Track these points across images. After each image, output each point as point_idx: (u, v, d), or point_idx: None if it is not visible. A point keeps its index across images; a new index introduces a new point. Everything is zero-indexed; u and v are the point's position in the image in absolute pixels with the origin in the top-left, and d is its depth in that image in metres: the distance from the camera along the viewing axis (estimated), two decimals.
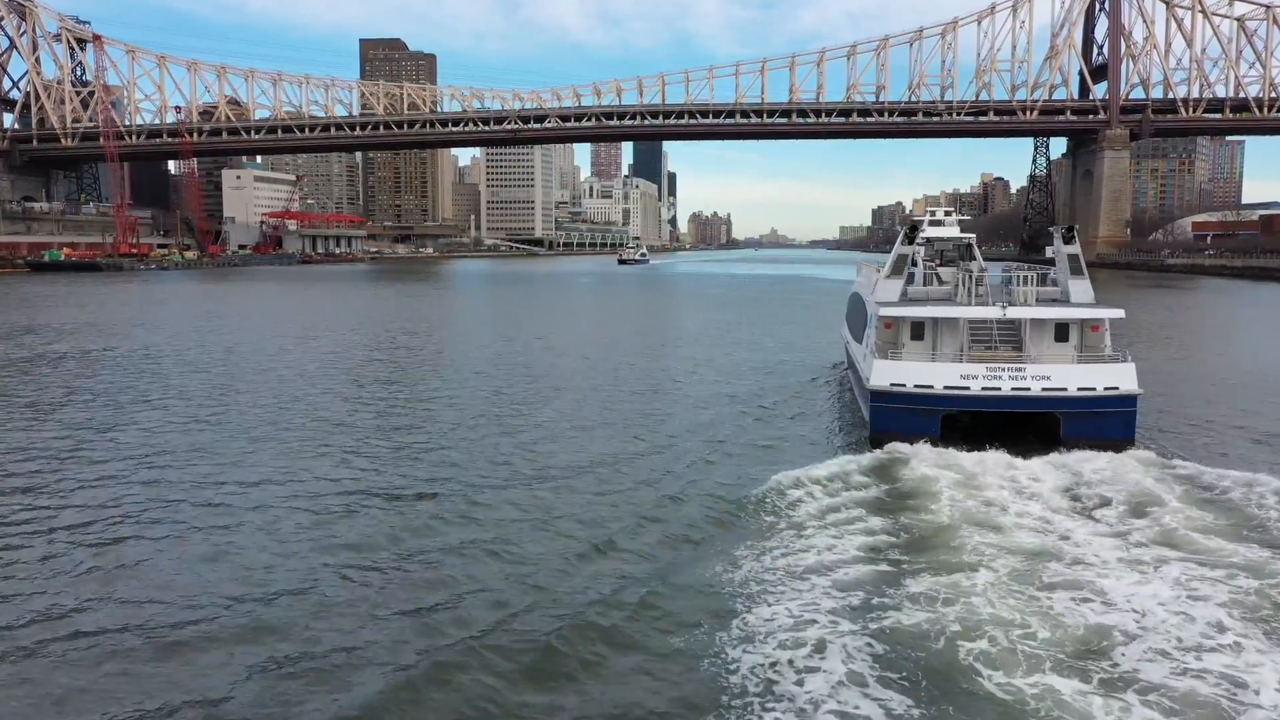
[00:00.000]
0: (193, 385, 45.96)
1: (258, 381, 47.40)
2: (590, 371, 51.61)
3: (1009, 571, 19.95)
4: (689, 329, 77.48)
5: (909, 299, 36.39)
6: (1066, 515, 23.94)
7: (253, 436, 34.14)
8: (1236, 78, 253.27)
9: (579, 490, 27.12)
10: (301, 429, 35.59)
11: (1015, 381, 30.05)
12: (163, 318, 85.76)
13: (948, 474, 26.65)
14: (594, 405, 41.00)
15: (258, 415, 38.17)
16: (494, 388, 45.41)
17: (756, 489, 26.15)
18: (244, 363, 54.65)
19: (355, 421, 37.27)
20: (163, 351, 59.75)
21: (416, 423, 36.91)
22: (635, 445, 32.80)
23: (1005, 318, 32.02)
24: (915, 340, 33.42)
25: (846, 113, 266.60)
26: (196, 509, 25.28)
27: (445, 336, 71.89)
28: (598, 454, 31.45)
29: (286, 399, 42.12)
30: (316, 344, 64.75)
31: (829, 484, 26.42)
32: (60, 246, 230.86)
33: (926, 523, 23.16)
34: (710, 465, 29.96)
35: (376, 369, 52.68)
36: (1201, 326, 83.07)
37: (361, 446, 32.78)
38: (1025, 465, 27.87)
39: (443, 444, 32.98)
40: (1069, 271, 35.00)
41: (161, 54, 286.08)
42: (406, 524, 23.91)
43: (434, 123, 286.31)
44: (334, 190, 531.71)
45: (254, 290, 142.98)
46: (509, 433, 34.66)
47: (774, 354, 59.59)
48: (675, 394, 44.29)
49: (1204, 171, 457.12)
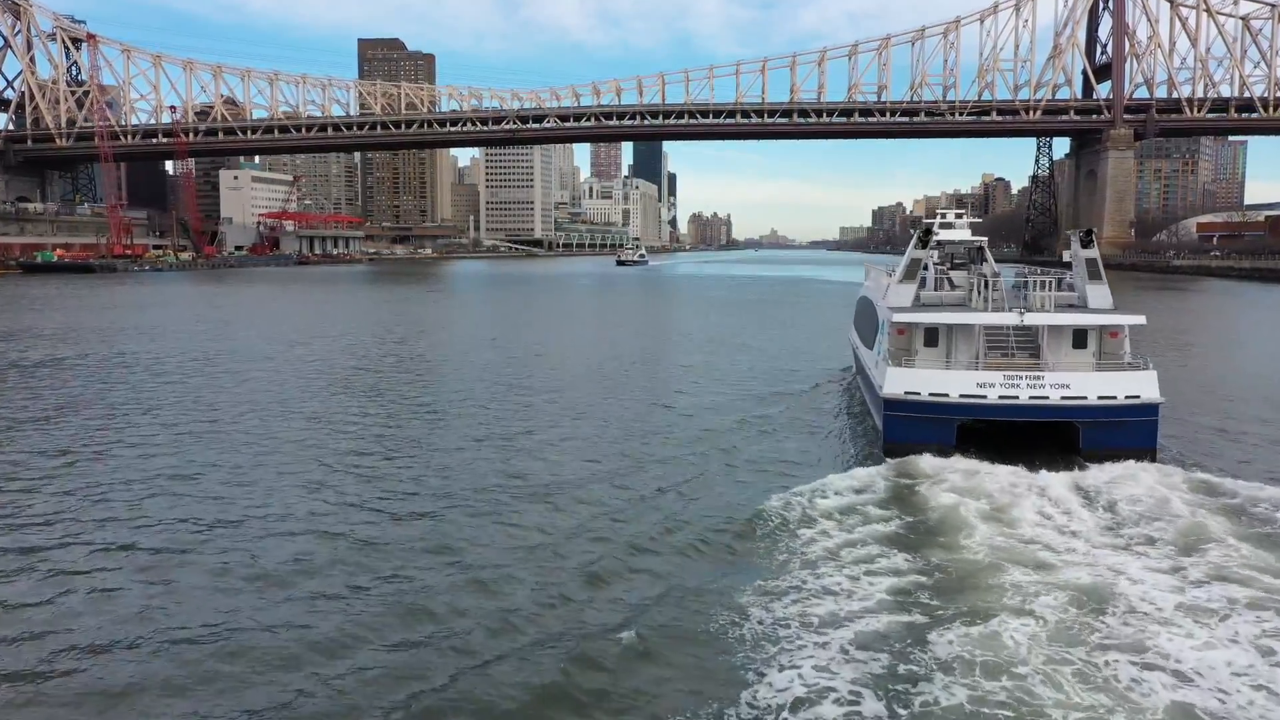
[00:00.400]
0: (166, 398, 43.60)
1: (234, 395, 45.01)
2: (589, 380, 49.50)
3: (1055, 624, 17.60)
4: (691, 334, 75.18)
5: (921, 304, 35.19)
6: (1108, 546, 21.92)
7: (228, 457, 31.78)
8: (1241, 77, 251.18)
9: (575, 510, 25.47)
10: (283, 446, 33.25)
11: (1034, 390, 28.94)
12: (146, 322, 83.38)
13: (972, 500, 24.72)
14: (593, 415, 39.28)
15: (232, 433, 35.83)
16: (489, 400, 43.09)
17: (766, 508, 24.58)
18: (223, 372, 52.25)
19: (346, 438, 34.94)
20: (139, 359, 57.40)
21: (409, 440, 34.79)
22: (636, 461, 31.08)
23: (1023, 324, 30.89)
24: (929, 347, 32.34)
25: (848, 113, 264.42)
26: (171, 534, 23.55)
27: (439, 345, 69.42)
28: (597, 468, 29.85)
29: (266, 412, 39.77)
30: (301, 352, 62.36)
31: (843, 506, 24.70)
32: (54, 247, 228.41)
33: (955, 560, 21.04)
34: (716, 481, 28.30)
35: (364, 380, 50.23)
36: (1215, 330, 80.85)
37: (354, 464, 30.80)
38: (1049, 481, 26.40)
39: (433, 462, 31.16)
40: (1087, 276, 33.90)
41: (157, 53, 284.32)
42: (396, 546, 22.60)
43: (432, 123, 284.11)
44: (332, 191, 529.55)
45: (245, 293, 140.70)
46: (502, 450, 32.85)
47: (779, 360, 57.52)
48: (679, 403, 42.43)
49: (1207, 172, 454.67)
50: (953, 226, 41.35)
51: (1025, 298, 33.06)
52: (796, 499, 24.99)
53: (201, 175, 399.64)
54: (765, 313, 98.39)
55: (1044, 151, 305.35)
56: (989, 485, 25.97)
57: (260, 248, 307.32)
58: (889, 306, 34.16)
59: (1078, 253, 35.05)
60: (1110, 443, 28.53)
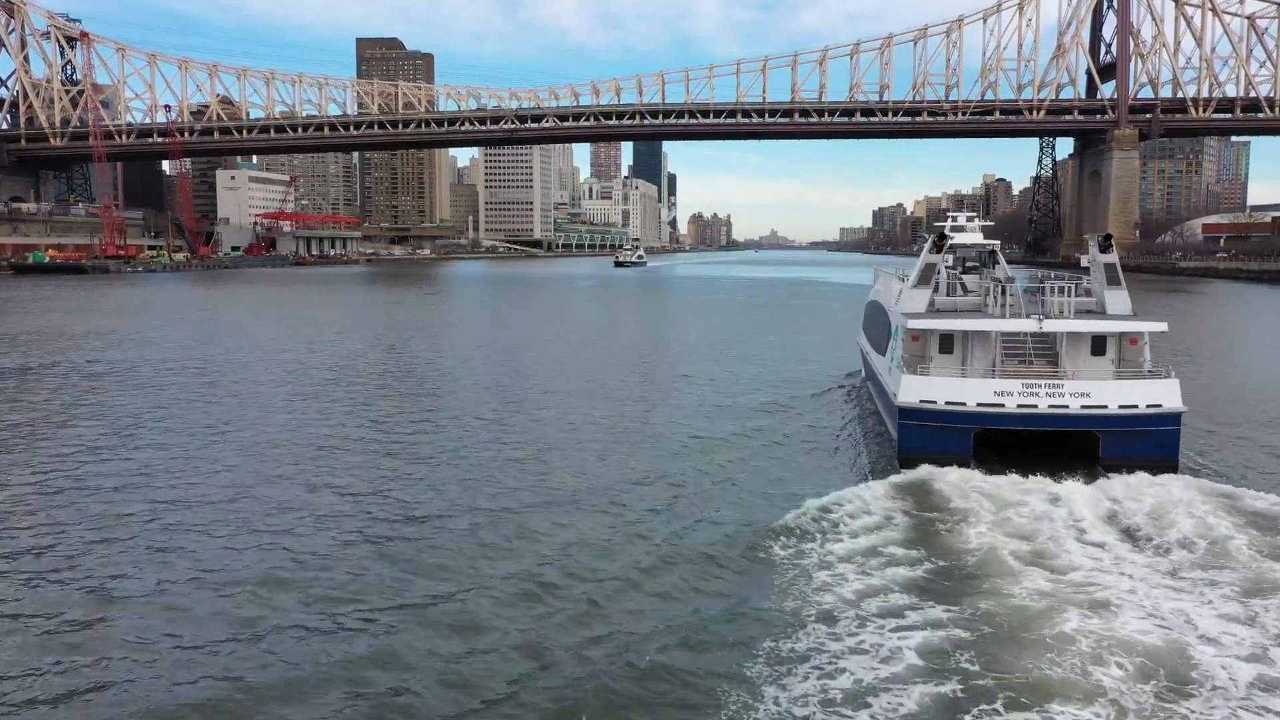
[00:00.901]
0: (132, 411, 40.89)
1: (203, 406, 42.33)
2: (590, 389, 47.23)
3: (1120, 679, 15.64)
4: (695, 339, 72.41)
5: (936, 309, 34.32)
6: (1164, 587, 19.93)
7: (195, 472, 29.11)
8: (1247, 77, 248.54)
9: (578, 526, 24.38)
10: (261, 468, 30.58)
11: (1053, 398, 28.19)
12: (126, 327, 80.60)
13: (1001, 538, 22.59)
14: (597, 425, 37.67)
15: (195, 442, 33.14)
16: (488, 414, 40.49)
17: (779, 523, 23.68)
18: (197, 384, 49.54)
19: (338, 456, 32.37)
20: (111, 368, 54.70)
21: (408, 456, 32.58)
22: (643, 475, 29.59)
23: (1041, 330, 30.05)
24: (944, 354, 31.54)
25: (849, 112, 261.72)
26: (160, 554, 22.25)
27: (434, 355, 66.55)
28: (604, 481, 28.76)
29: (239, 429, 37.09)
30: (284, 360, 59.57)
31: (860, 527, 23.44)
32: (46, 248, 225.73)
33: (994, 602, 18.97)
34: (722, 496, 27.16)
35: (353, 393, 47.46)
36: (1229, 334, 78.49)
37: (349, 483, 28.71)
38: (1074, 494, 25.44)
39: (433, 478, 29.49)
40: (1105, 281, 33.13)
41: (152, 52, 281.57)
42: (403, 563, 21.67)
43: (429, 122, 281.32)
44: (330, 191, 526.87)
45: (234, 295, 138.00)
46: (504, 465, 31.04)
47: (785, 366, 55.42)
48: (685, 413, 40.66)
49: (1210, 173, 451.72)
50: (964, 230, 40.31)
51: (1042, 303, 32.10)
52: (811, 514, 24.07)
53: (199, 175, 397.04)
54: (768, 316, 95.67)
55: (1047, 152, 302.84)
56: (1013, 501, 24.93)
57: (256, 248, 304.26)
58: (903, 312, 33.28)
59: (1096, 258, 34.05)
60: (1131, 453, 27.75)
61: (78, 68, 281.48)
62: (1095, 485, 26.27)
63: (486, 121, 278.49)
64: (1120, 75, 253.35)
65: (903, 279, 38.46)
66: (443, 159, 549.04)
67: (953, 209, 72.28)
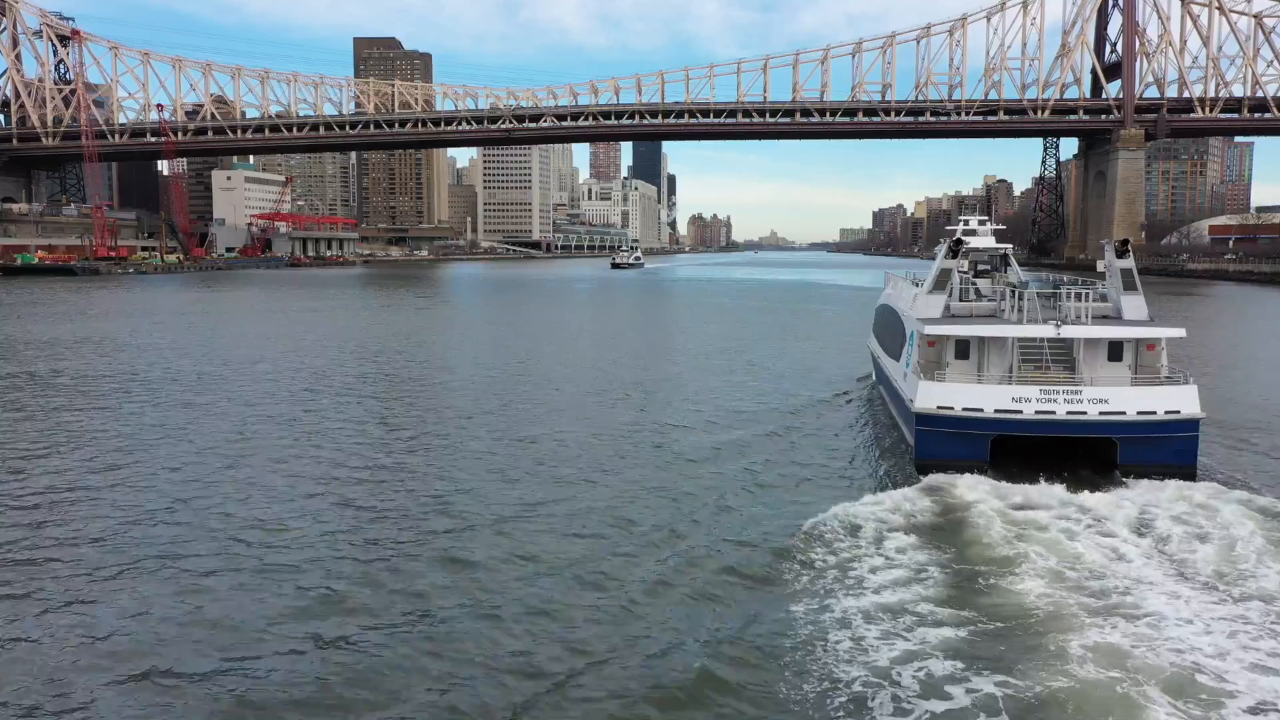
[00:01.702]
0: (82, 425, 37.44)
1: (158, 423, 38.86)
2: (598, 398, 45.76)
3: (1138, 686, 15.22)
4: (701, 349, 68.78)
5: (951, 315, 34.00)
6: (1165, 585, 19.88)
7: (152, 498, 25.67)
8: (1254, 76, 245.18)
9: (605, 532, 24.13)
10: (230, 496, 27.13)
11: (1071, 405, 27.83)
12: (100, 332, 77.09)
13: (1023, 546, 22.14)
14: (611, 435, 36.61)
15: (137, 462, 29.70)
16: (493, 423, 38.38)
17: (800, 531, 23.35)
18: (153, 396, 46.06)
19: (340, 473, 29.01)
20: (68, 378, 51.22)
21: (421, 472, 30.76)
22: (659, 483, 29.02)
23: (1059, 336, 29.70)
24: (960, 359, 31.25)
25: (852, 112, 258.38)
26: None
27: (431, 365, 63.16)
28: (621, 491, 28.10)
29: (193, 447, 33.64)
30: (259, 373, 56.02)
31: (878, 527, 23.45)
32: (36, 249, 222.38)
33: (1014, 608, 18.70)
34: (744, 503, 26.63)
35: (341, 414, 44.00)
36: (1246, 339, 75.50)
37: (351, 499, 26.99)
38: (1092, 502, 25.26)
39: (447, 490, 28.51)
40: (1122, 286, 32.78)
41: (145, 50, 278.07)
42: (430, 573, 21.36)
43: (426, 122, 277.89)
44: (328, 192, 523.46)
45: (222, 297, 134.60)
46: (513, 478, 29.79)
47: (797, 370, 54.10)
48: (700, 420, 39.60)
49: (1215, 173, 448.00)
50: (977, 233, 40.22)
51: (1058, 309, 31.24)
52: (831, 522, 23.76)
53: (194, 176, 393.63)
54: (774, 321, 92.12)
55: (1050, 153, 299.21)
56: (1033, 508, 24.82)
57: (251, 249, 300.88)
58: (919, 318, 32.76)
59: (1113, 263, 33.68)
60: (1149, 459, 27.63)
61: (70, 66, 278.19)
62: (1114, 492, 26.20)
63: (484, 121, 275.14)
64: (1126, 74, 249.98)
65: (916, 283, 38.37)
66: (441, 159, 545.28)
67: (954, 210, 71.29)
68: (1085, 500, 25.30)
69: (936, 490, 26.39)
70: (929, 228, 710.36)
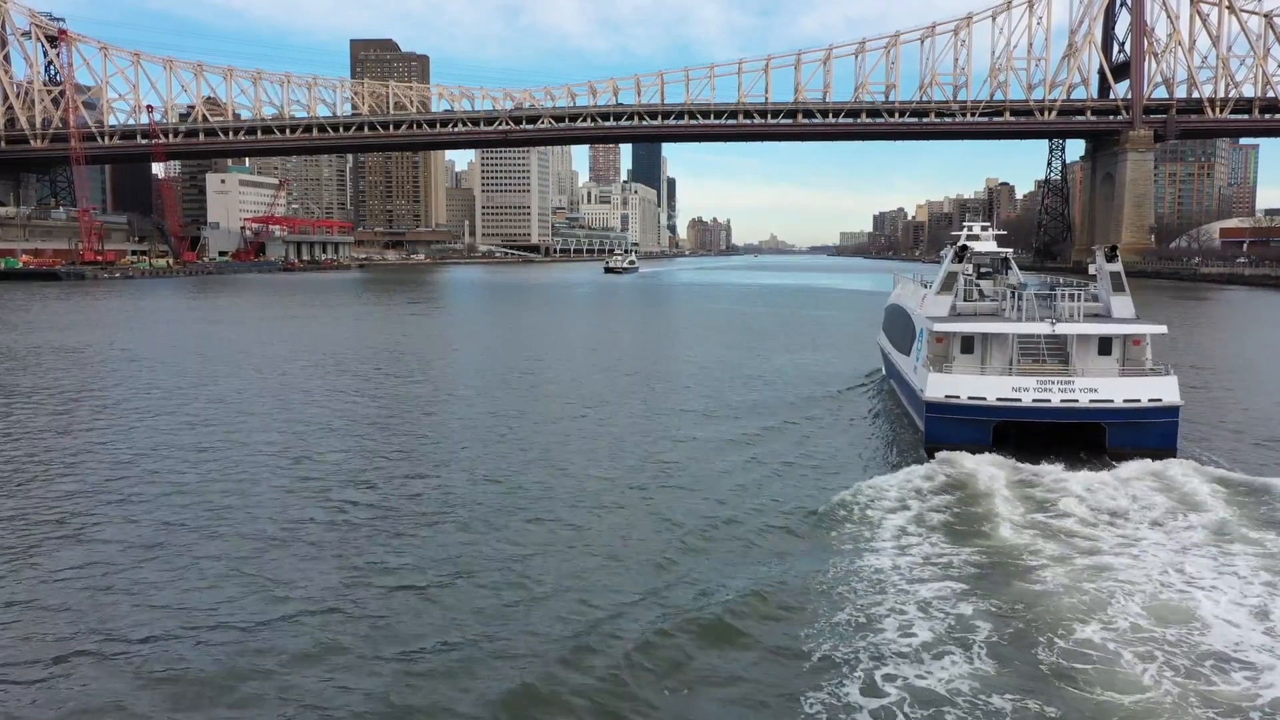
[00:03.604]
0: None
1: (86, 447, 34.00)
2: (615, 395, 47.31)
3: None
4: (711, 353, 64.14)
5: (957, 314, 36.75)
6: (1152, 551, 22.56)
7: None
8: (1265, 76, 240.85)
9: (645, 509, 26.85)
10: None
11: (1064, 394, 30.83)
12: (70, 343, 72.21)
13: (1021, 516, 25.29)
14: (631, 430, 38.43)
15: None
16: (500, 435, 36.80)
17: (825, 505, 26.15)
18: (91, 418, 41.21)
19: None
20: (15, 395, 46.38)
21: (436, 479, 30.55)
22: (690, 467, 31.46)
23: (1054, 333, 32.40)
24: (965, 354, 33.82)
25: (855, 113, 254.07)
26: None
27: (427, 384, 58.32)
28: (653, 475, 30.55)
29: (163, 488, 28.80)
30: (224, 391, 51.21)
31: (893, 501, 26.44)
32: (21, 253, 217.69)
33: (1019, 576, 21.12)
34: (772, 482, 29.35)
35: (319, 432, 39.15)
36: (1248, 342, 71.67)
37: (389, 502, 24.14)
38: (1082, 479, 28.14)
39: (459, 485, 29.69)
40: (1111, 288, 35.63)
41: (136, 51, 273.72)
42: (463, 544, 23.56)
43: (422, 123, 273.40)
44: (324, 195, 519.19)
45: (205, 304, 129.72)
46: (526, 482, 30.12)
47: (810, 376, 50.56)
48: (719, 413, 41.81)
49: (1223, 175, 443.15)
50: (980, 238, 43.71)
51: (1054, 308, 34.26)
52: (852, 496, 26.65)
53: (189, 179, 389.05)
54: (778, 328, 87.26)
55: (1056, 155, 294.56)
56: (1030, 484, 27.89)
57: (244, 253, 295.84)
58: (928, 316, 35.95)
59: (1103, 266, 36.80)
60: (1134, 442, 30.54)
61: (60, 68, 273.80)
62: (1102, 471, 29.05)
63: (480, 122, 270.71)
64: (1135, 74, 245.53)
65: (924, 284, 41.82)
66: (438, 162, 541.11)
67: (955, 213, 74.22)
68: (1077, 477, 28.36)
69: (944, 468, 29.35)
70: (930, 231, 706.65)
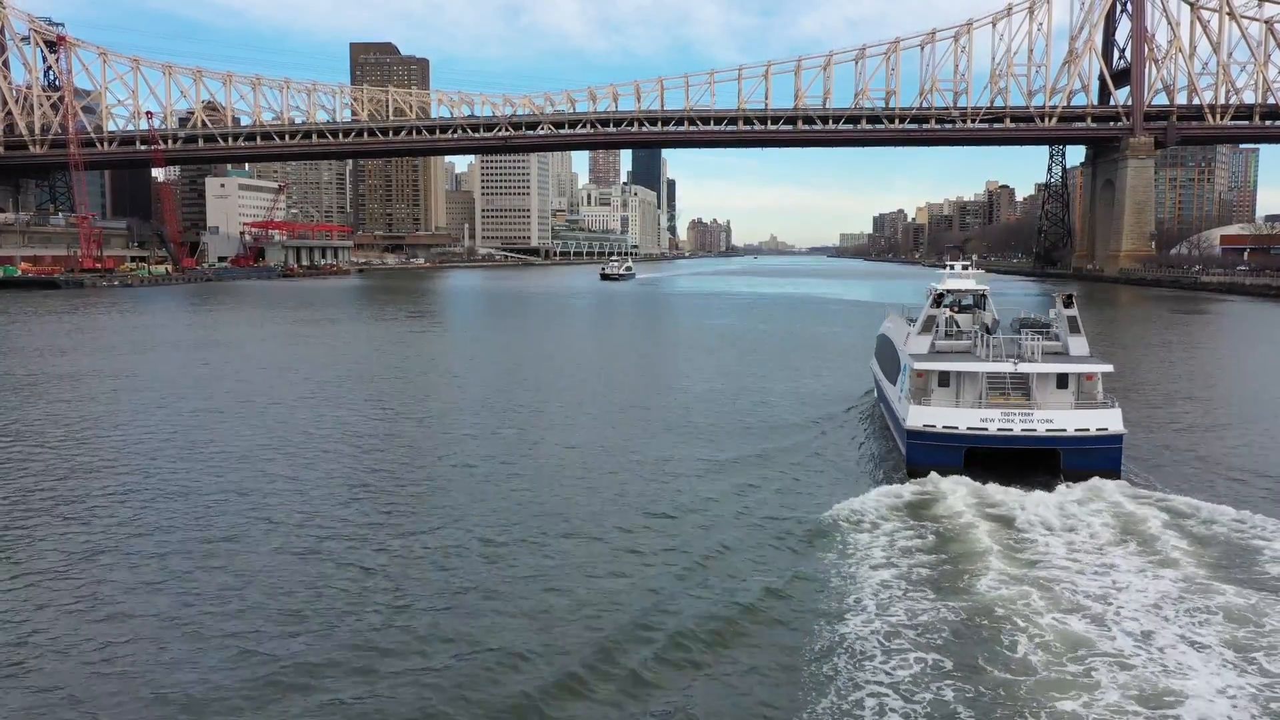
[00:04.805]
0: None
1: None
2: (617, 418, 50.08)
3: None
4: (710, 373, 63.65)
5: (936, 351, 41.18)
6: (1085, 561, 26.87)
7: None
8: (1265, 82, 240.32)
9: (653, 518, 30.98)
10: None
11: (1025, 423, 35.15)
12: (35, 369, 71.71)
13: (986, 527, 29.71)
14: (634, 452, 41.77)
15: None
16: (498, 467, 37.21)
17: (816, 519, 30.40)
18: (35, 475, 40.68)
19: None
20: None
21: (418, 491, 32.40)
22: (687, 487, 35.35)
23: (1016, 371, 37.01)
24: (941, 387, 38.01)
25: (855, 119, 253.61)
26: None
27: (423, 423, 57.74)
28: (651, 492, 34.37)
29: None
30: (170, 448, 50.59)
31: (877, 516, 30.70)
32: (20, 260, 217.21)
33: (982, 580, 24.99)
34: (768, 498, 33.55)
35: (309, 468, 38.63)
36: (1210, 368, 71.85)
37: None
38: (1039, 497, 32.58)
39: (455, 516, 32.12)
40: (1069, 330, 40.43)
41: (135, 56, 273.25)
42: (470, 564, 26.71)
43: (421, 129, 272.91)
44: (323, 198, 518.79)
45: (197, 321, 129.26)
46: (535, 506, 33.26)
47: (809, 394, 48.20)
48: (719, 434, 45.49)
49: (1223, 180, 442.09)
50: (959, 276, 47.99)
51: (1019, 347, 38.82)
52: (841, 512, 30.89)
53: (188, 183, 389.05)
54: (777, 346, 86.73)
55: (1057, 160, 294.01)
56: (995, 502, 32.29)
57: (243, 259, 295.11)
58: (910, 354, 40.31)
59: (1060, 312, 41.66)
60: (1085, 465, 34.80)
61: (59, 73, 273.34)
62: (1056, 491, 33.40)
63: (480, 129, 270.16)
64: (1135, 81, 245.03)
65: (910, 321, 46.05)
66: (438, 166, 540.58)
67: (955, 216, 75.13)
68: (1034, 496, 32.72)
69: (922, 488, 33.76)
70: (930, 233, 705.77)
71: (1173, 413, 51.57)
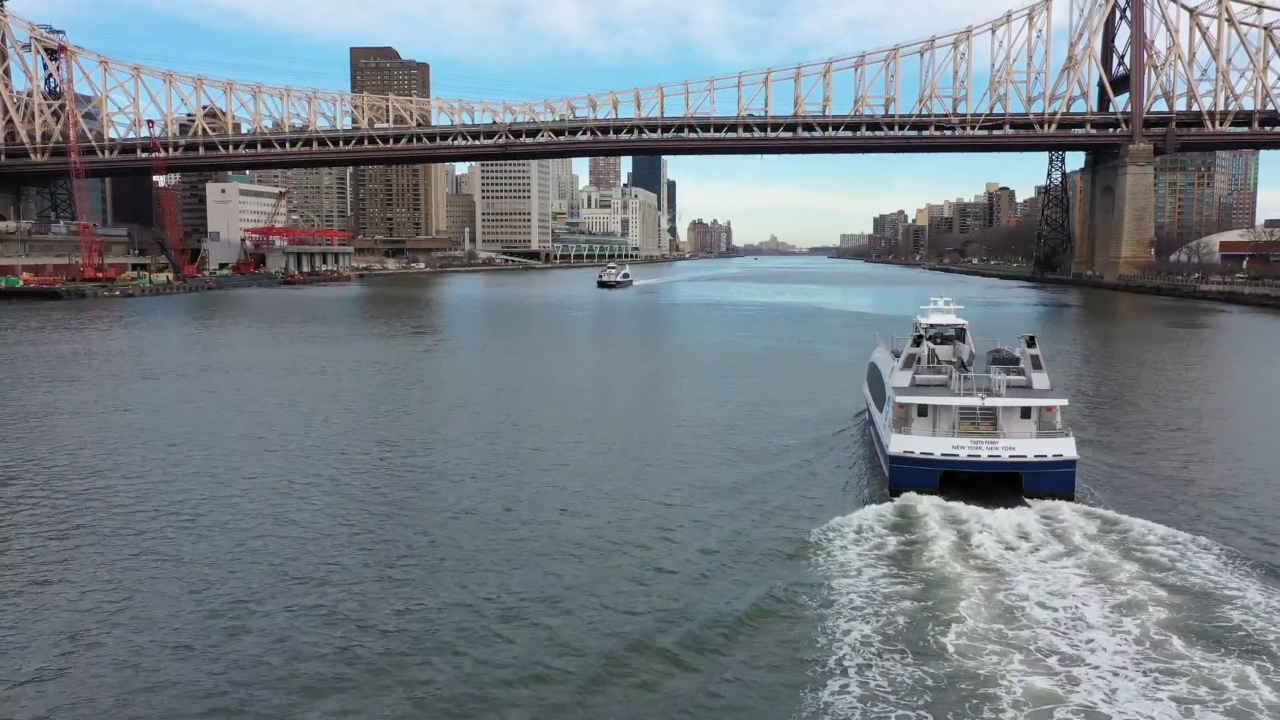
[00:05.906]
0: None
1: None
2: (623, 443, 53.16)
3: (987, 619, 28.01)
4: (715, 396, 64.19)
5: (917, 384, 45.04)
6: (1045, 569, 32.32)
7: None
8: (1264, 88, 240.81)
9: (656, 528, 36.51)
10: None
11: (992, 450, 40.02)
12: (63, 404, 72.09)
13: (957, 541, 34.89)
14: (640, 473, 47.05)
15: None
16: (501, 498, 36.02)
17: (807, 534, 35.29)
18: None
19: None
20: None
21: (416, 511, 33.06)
22: (685, 503, 40.94)
23: (985, 405, 41.69)
24: (920, 417, 42.52)
25: (855, 126, 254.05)
26: None
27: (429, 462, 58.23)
28: (658, 505, 40.14)
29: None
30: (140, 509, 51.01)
31: (861, 531, 35.79)
32: (22, 270, 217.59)
33: (951, 586, 30.25)
34: (761, 513, 38.59)
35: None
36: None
37: None
38: (1002, 515, 37.59)
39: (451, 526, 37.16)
40: (1033, 367, 44.76)
41: (136, 64, 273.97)
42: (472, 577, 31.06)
43: (421, 137, 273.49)
44: (324, 203, 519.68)
45: (205, 340, 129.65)
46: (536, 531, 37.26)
47: (808, 417, 47.89)
48: (722, 457, 50.26)
49: (1223, 184, 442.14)
50: (941, 311, 54.90)
51: (989, 382, 42.90)
52: (829, 526, 35.99)
53: (189, 189, 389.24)
54: (778, 367, 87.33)
55: (1056, 165, 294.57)
56: (965, 519, 37.17)
57: (244, 265, 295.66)
58: (894, 387, 44.63)
59: (1025, 351, 46.29)
60: (1043, 487, 39.63)
61: (59, 81, 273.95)
62: (1018, 509, 38.36)
63: (480, 136, 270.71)
64: (1134, 88, 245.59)
65: (895, 354, 50.65)
66: (439, 169, 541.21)
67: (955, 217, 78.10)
68: (998, 514, 37.70)
69: (902, 506, 38.64)
70: (930, 235, 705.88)
71: (1134, 438, 55.50)
